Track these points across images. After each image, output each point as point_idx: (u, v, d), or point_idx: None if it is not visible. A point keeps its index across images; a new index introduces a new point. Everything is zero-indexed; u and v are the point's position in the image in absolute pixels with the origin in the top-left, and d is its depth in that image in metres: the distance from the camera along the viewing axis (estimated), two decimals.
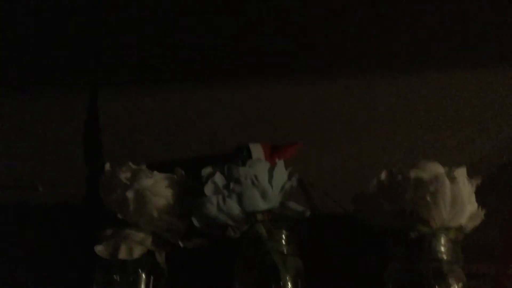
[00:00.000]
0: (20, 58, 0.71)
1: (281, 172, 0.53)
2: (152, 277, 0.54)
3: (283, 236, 0.51)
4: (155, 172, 0.55)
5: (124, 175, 0.54)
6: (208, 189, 0.52)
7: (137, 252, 0.52)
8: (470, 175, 0.50)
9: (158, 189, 0.53)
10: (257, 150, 0.58)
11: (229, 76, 0.67)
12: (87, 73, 0.69)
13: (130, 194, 0.52)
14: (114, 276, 0.53)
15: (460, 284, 0.47)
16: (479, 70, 0.62)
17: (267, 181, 0.52)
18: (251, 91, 0.65)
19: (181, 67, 0.68)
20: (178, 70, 0.68)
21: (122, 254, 0.51)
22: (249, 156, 0.57)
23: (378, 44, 0.65)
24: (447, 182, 0.47)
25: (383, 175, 0.50)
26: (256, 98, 0.65)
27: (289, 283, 0.50)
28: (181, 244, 0.53)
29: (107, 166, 0.56)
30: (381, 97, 0.63)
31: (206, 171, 0.53)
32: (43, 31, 0.71)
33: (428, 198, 0.46)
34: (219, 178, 0.52)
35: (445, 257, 0.47)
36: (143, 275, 0.53)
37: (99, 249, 0.52)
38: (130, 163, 0.56)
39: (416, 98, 0.62)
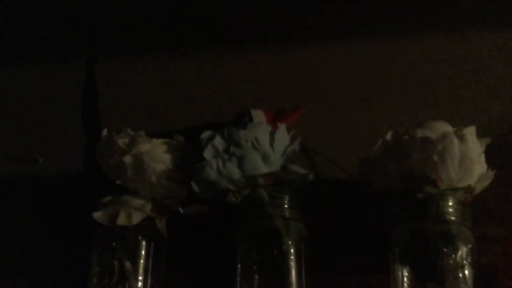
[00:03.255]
0: (15, 28, 0.70)
1: (283, 136, 0.52)
2: (152, 244, 0.53)
3: (286, 200, 0.50)
4: (154, 139, 0.54)
5: (122, 141, 0.52)
6: (208, 153, 0.50)
7: (136, 218, 0.51)
8: (480, 136, 0.48)
9: (157, 154, 0.52)
10: (259, 116, 0.56)
11: (228, 42, 0.65)
12: (85, 41, 0.67)
13: (127, 159, 0.51)
14: (114, 243, 0.52)
15: (469, 246, 0.45)
16: (495, 35, 0.59)
17: (268, 144, 0.51)
18: (251, 57, 0.64)
19: (179, 35, 0.66)
20: (177, 37, 0.66)
21: (121, 220, 0.50)
22: (251, 122, 0.55)
23: (382, 7, 0.62)
24: (455, 140, 0.45)
25: (388, 135, 0.48)
26: (257, 64, 0.63)
27: (291, 248, 0.49)
28: (181, 210, 0.52)
29: (105, 132, 0.55)
30: (386, 61, 0.61)
31: (206, 134, 0.52)
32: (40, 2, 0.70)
33: (436, 158, 0.45)
34: (219, 142, 0.51)
35: (453, 218, 0.45)
36: (143, 242, 0.52)
37: (97, 215, 0.51)
38: (128, 129, 0.54)
39: (424, 63, 0.60)
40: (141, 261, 0.52)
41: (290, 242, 0.49)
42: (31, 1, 0.70)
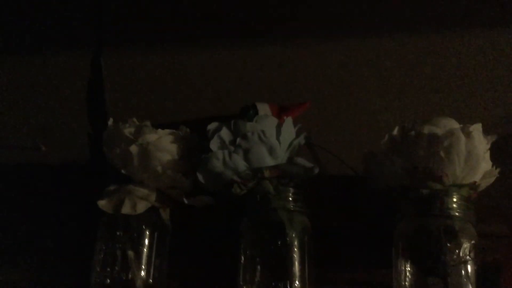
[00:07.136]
0: (22, 16, 0.70)
1: (289, 129, 0.52)
2: (156, 234, 0.53)
3: (290, 193, 0.50)
4: (159, 129, 0.54)
5: (128, 130, 0.52)
6: (214, 144, 0.50)
7: (141, 207, 0.51)
8: (486, 133, 0.48)
9: (163, 144, 0.52)
10: (264, 109, 0.57)
11: (236, 35, 0.65)
12: (91, 31, 0.67)
13: (134, 149, 0.51)
14: (118, 232, 0.52)
15: (472, 242, 0.45)
16: (497, 31, 0.59)
17: (274, 137, 0.51)
18: (259, 51, 0.64)
19: (187, 26, 0.66)
20: (184, 28, 0.66)
21: (126, 209, 0.50)
22: (256, 115, 0.56)
23: (385, 3, 0.63)
24: (462, 137, 0.45)
25: (395, 131, 0.48)
26: (263, 58, 0.64)
27: (295, 240, 0.49)
28: (185, 201, 0.52)
29: (110, 121, 0.55)
30: (392, 57, 0.61)
31: (212, 126, 0.52)
32: None
33: (442, 154, 0.45)
34: (225, 133, 0.51)
35: (457, 214, 0.45)
36: (147, 232, 0.52)
37: (102, 203, 0.51)
38: (134, 119, 0.54)
39: (428, 58, 0.61)
40: (144, 250, 0.52)
41: (293, 235, 0.49)
42: None
